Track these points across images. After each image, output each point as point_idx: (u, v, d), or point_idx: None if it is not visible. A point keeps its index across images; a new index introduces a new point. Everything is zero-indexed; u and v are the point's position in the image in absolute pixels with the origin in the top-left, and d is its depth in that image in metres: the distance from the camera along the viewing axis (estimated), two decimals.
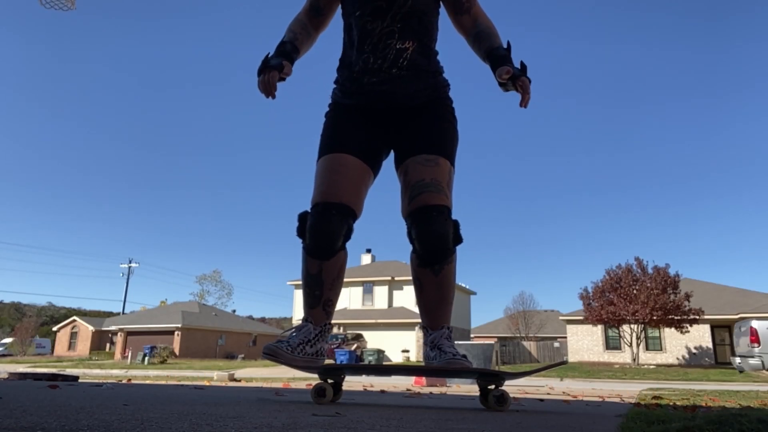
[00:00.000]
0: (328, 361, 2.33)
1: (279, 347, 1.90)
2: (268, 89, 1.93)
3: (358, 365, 2.14)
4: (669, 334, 27.06)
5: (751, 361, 17.73)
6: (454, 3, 2.10)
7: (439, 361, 1.94)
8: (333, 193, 1.96)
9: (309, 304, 2.00)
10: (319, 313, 1.99)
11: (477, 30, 2.06)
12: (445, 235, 1.93)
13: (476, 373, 1.97)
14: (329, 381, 1.96)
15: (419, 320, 2.09)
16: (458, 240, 1.98)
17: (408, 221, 1.99)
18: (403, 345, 30.87)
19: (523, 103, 1.88)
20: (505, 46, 2.00)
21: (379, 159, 2.13)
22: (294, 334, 1.96)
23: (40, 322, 50.61)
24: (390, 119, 2.09)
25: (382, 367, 2.22)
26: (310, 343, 1.95)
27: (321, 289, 1.96)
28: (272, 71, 1.94)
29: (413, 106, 2.07)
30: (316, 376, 2.02)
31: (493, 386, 1.90)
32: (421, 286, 2.01)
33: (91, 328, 41.96)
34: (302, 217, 2.00)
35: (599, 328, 28.23)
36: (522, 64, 1.94)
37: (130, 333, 39.22)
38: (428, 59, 2.07)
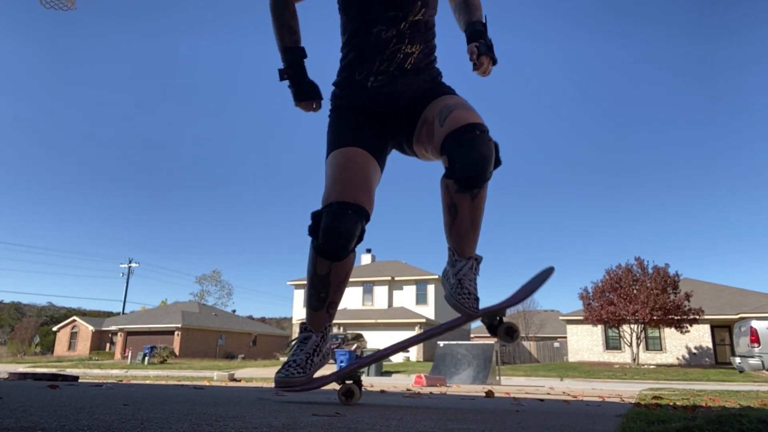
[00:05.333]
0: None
1: (290, 376, 1.90)
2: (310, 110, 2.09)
3: (366, 357, 2.13)
4: (669, 334, 27.04)
5: (751, 361, 17.72)
6: None
7: (452, 294, 1.99)
8: (348, 192, 1.91)
9: (313, 306, 1.98)
10: (321, 317, 1.98)
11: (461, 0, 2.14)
12: (490, 157, 1.86)
13: (479, 316, 2.02)
14: (348, 381, 1.97)
15: (419, 320, 2.09)
16: (498, 163, 1.92)
17: (446, 146, 1.88)
18: None
19: (476, 70, 1.96)
20: (483, 20, 2.07)
21: (384, 154, 2.13)
22: (300, 349, 1.97)
23: (40, 322, 50.58)
24: (392, 117, 2.11)
25: (387, 349, 2.18)
26: (317, 352, 1.97)
27: (327, 291, 1.94)
28: (313, 107, 2.08)
29: (412, 102, 2.09)
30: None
31: (497, 320, 1.97)
32: (456, 211, 1.94)
33: (91, 328, 41.93)
34: (316, 216, 1.93)
35: (599, 328, 28.20)
36: (489, 42, 2.01)
37: (130, 333, 39.22)
38: (429, 58, 2.09)
